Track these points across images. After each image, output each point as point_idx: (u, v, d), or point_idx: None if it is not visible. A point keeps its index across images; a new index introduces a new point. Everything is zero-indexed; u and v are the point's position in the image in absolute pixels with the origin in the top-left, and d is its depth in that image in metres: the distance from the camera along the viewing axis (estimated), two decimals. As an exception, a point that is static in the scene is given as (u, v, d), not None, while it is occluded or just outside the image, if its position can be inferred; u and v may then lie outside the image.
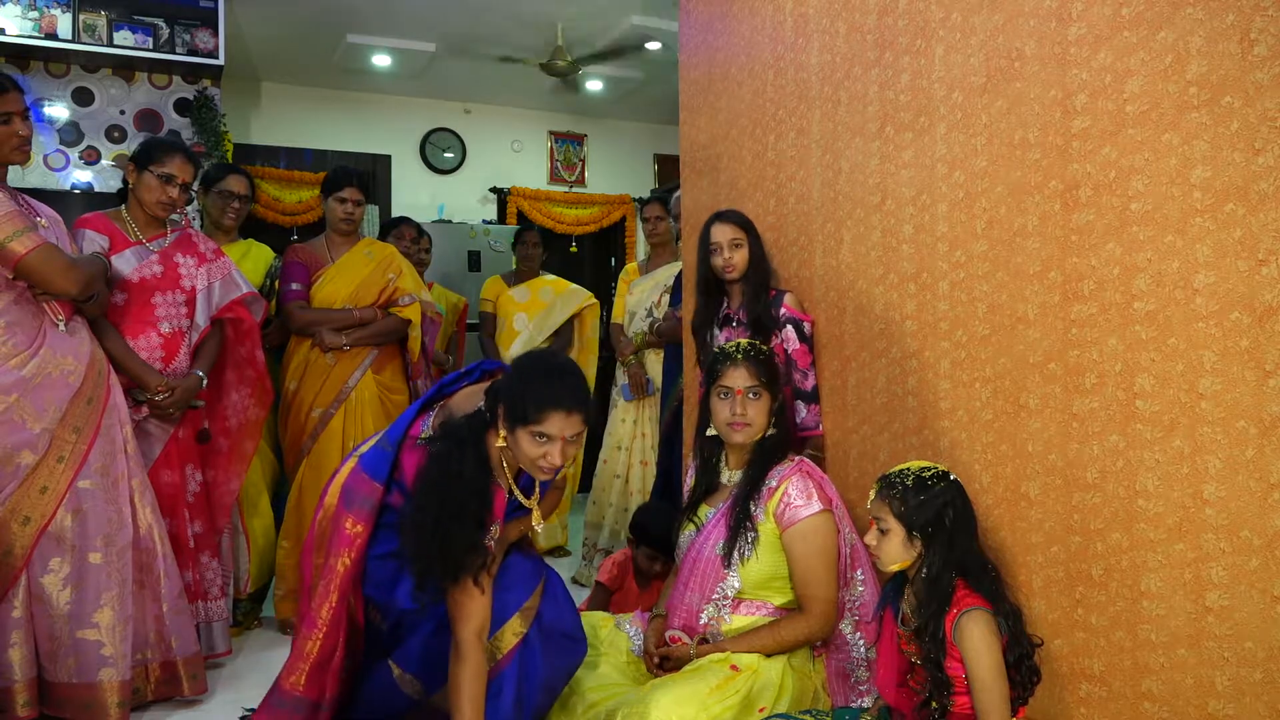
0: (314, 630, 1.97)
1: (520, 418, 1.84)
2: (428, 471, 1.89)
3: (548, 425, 1.83)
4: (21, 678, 2.33)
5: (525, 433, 1.84)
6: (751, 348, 2.26)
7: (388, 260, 3.57)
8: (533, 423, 1.82)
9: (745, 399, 2.20)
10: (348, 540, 1.95)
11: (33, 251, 2.30)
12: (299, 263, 3.48)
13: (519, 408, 1.84)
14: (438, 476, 1.86)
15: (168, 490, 2.75)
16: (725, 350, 2.28)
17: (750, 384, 2.20)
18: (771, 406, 2.24)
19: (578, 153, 7.58)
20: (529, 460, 1.87)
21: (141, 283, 2.76)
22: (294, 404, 3.40)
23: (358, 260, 3.52)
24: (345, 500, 1.98)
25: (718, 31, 3.20)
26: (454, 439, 1.89)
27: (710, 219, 2.72)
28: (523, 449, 1.86)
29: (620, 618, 2.40)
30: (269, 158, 6.55)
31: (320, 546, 2.02)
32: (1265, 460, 1.44)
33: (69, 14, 4.81)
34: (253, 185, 3.63)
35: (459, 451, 1.88)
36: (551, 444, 1.84)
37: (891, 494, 1.76)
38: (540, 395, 1.83)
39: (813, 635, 2.11)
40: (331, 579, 1.96)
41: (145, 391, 2.71)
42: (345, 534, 1.95)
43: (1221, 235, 1.50)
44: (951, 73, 2.11)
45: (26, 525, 2.34)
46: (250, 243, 3.67)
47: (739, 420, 2.21)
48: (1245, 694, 1.48)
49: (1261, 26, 1.44)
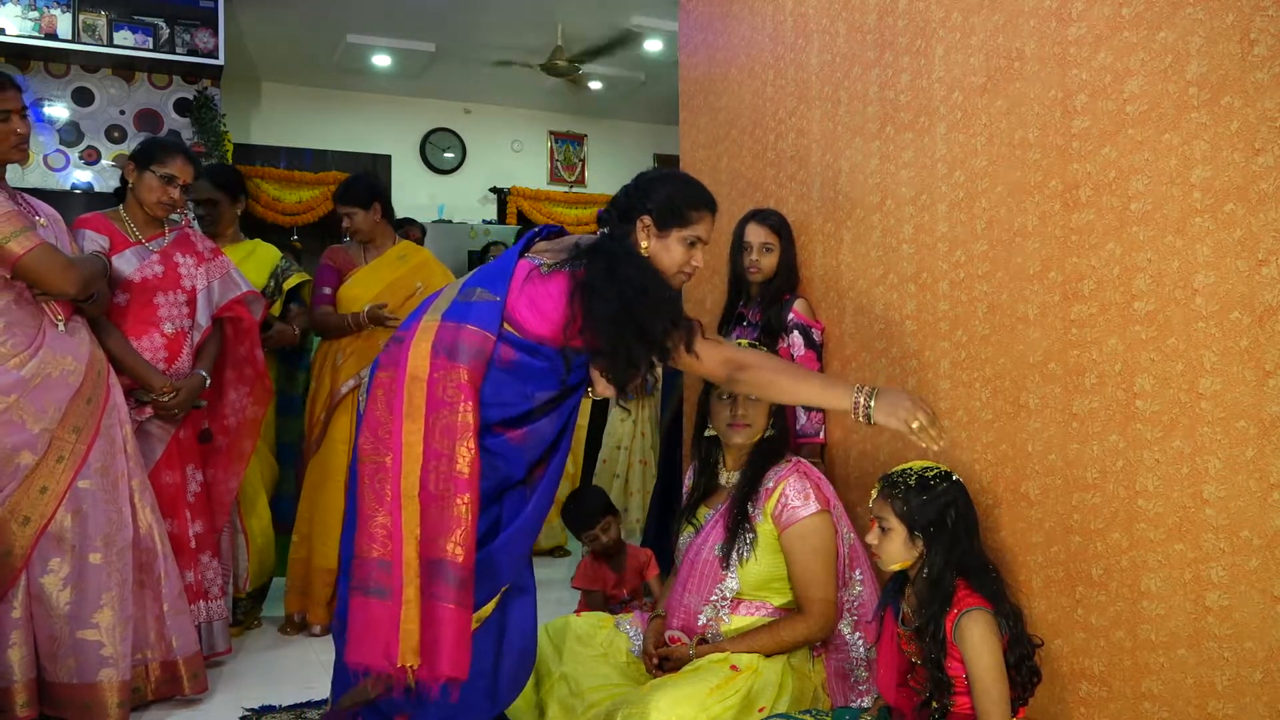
0: (465, 490, 1.78)
1: (678, 220, 1.90)
2: (595, 274, 1.84)
3: (701, 227, 1.92)
4: (21, 678, 2.32)
5: (678, 236, 1.91)
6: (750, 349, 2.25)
7: (419, 266, 3.57)
8: (690, 225, 1.90)
9: (744, 401, 2.20)
10: (468, 391, 1.81)
11: (31, 251, 2.30)
12: (331, 266, 3.51)
13: (674, 210, 1.90)
14: (611, 269, 1.85)
15: (169, 490, 2.75)
16: None
17: None
18: (770, 408, 2.24)
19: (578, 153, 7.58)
20: (675, 266, 1.93)
21: (143, 283, 2.75)
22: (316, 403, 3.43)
23: (388, 263, 3.52)
24: (449, 355, 1.83)
25: (718, 31, 3.20)
26: (606, 246, 1.89)
27: (747, 216, 2.69)
28: (672, 253, 1.91)
29: (620, 618, 2.40)
30: (269, 158, 6.55)
31: (416, 413, 1.83)
32: (1265, 460, 1.44)
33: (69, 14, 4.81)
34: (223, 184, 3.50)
35: (618, 253, 1.88)
36: (700, 246, 1.92)
37: (894, 493, 1.76)
38: (695, 197, 1.92)
39: (812, 636, 2.11)
40: (467, 431, 1.80)
41: (150, 392, 2.71)
42: (464, 384, 1.81)
43: (1221, 235, 1.50)
44: (951, 73, 2.11)
45: (26, 525, 2.34)
46: (256, 243, 3.66)
47: (738, 421, 2.21)
48: (1245, 694, 1.48)
49: (1261, 26, 1.44)
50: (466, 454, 1.80)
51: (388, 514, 1.79)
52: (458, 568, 1.77)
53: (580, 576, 3.06)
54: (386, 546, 1.78)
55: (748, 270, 2.65)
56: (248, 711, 2.61)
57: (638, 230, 1.92)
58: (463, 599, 1.77)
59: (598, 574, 3.05)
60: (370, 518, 1.80)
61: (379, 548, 1.78)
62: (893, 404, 1.81)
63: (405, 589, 1.75)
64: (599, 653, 2.26)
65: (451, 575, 1.77)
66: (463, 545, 1.77)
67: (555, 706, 2.14)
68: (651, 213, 1.90)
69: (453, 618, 1.76)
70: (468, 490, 1.78)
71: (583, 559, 3.13)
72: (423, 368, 1.84)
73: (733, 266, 2.71)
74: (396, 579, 1.76)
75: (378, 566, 1.78)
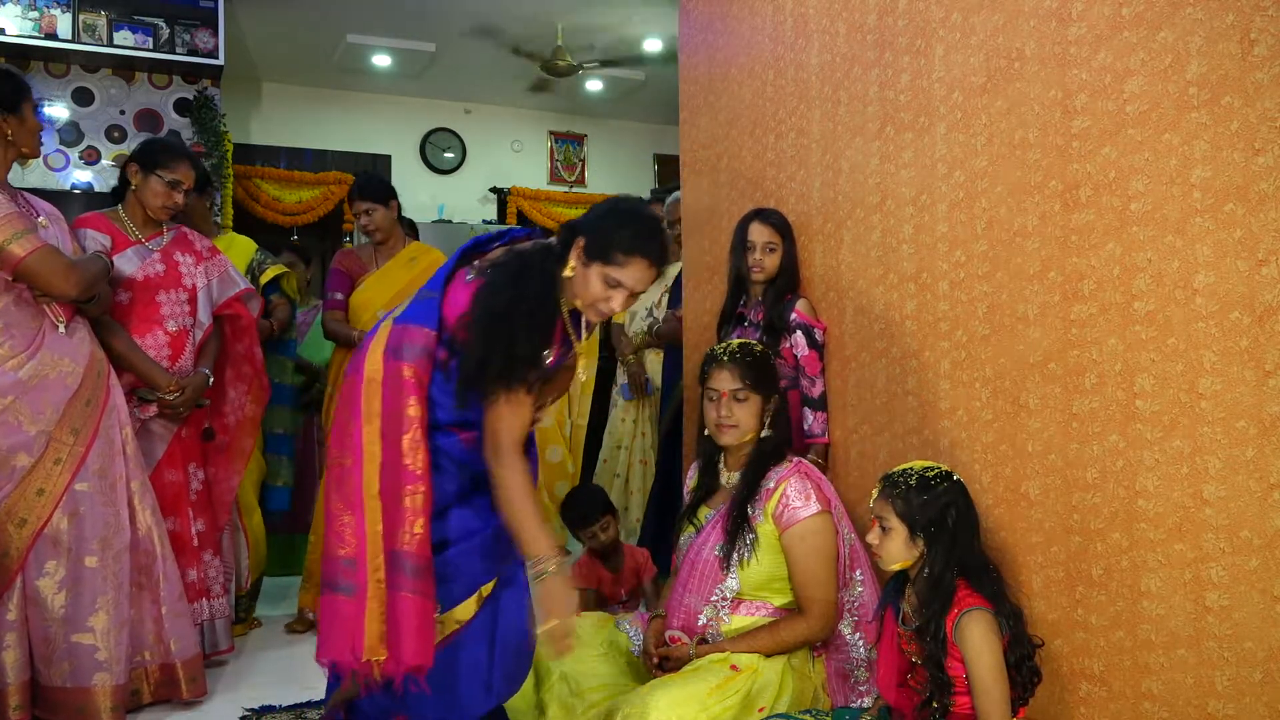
0: (417, 482, 1.83)
1: (603, 255, 1.80)
2: (494, 283, 1.84)
3: (627, 272, 1.80)
4: (15, 681, 2.32)
5: (599, 271, 1.81)
6: (740, 350, 2.23)
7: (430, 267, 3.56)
8: (613, 265, 1.80)
9: (730, 402, 2.20)
10: (412, 387, 1.86)
11: (33, 254, 2.29)
12: (341, 271, 3.50)
13: (604, 245, 1.80)
14: (507, 285, 1.83)
15: (171, 489, 2.76)
16: (713, 352, 2.27)
17: (735, 387, 2.19)
18: (763, 408, 2.21)
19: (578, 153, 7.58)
20: (590, 299, 1.85)
21: (146, 281, 2.76)
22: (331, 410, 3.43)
23: (399, 267, 3.52)
24: (394, 354, 1.89)
25: (718, 31, 3.20)
26: (522, 260, 1.86)
27: (750, 215, 2.68)
28: (590, 286, 1.83)
29: (620, 618, 2.40)
30: (269, 158, 6.55)
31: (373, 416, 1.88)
32: (1265, 460, 1.44)
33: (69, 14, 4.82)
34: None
35: (527, 270, 1.85)
36: (620, 291, 1.82)
37: (895, 493, 1.76)
38: (630, 239, 1.80)
39: (812, 636, 2.11)
40: (412, 425, 1.85)
41: (156, 391, 2.71)
42: (407, 381, 1.86)
43: (1221, 235, 1.50)
44: (951, 73, 2.11)
45: (22, 528, 2.33)
46: (232, 236, 3.66)
47: (724, 422, 2.20)
48: (1245, 694, 1.48)
49: (1261, 26, 1.44)
50: (413, 447, 1.84)
51: (352, 513, 1.85)
52: (413, 556, 1.81)
53: (575, 575, 3.07)
54: (351, 545, 1.83)
55: (751, 270, 2.65)
56: (247, 712, 2.61)
57: (572, 248, 1.86)
58: (420, 588, 1.82)
59: (593, 572, 3.05)
60: (337, 517, 1.86)
61: (345, 547, 1.84)
62: (549, 596, 1.79)
63: (369, 584, 1.80)
64: (599, 653, 2.26)
65: (408, 565, 1.81)
66: (416, 535, 1.81)
67: (555, 706, 2.14)
68: (586, 237, 1.84)
69: (412, 607, 1.80)
70: (419, 483, 1.83)
71: (577, 562, 3.13)
72: (377, 370, 1.89)
73: (734, 266, 2.70)
74: (361, 575, 1.81)
75: (344, 565, 1.84)
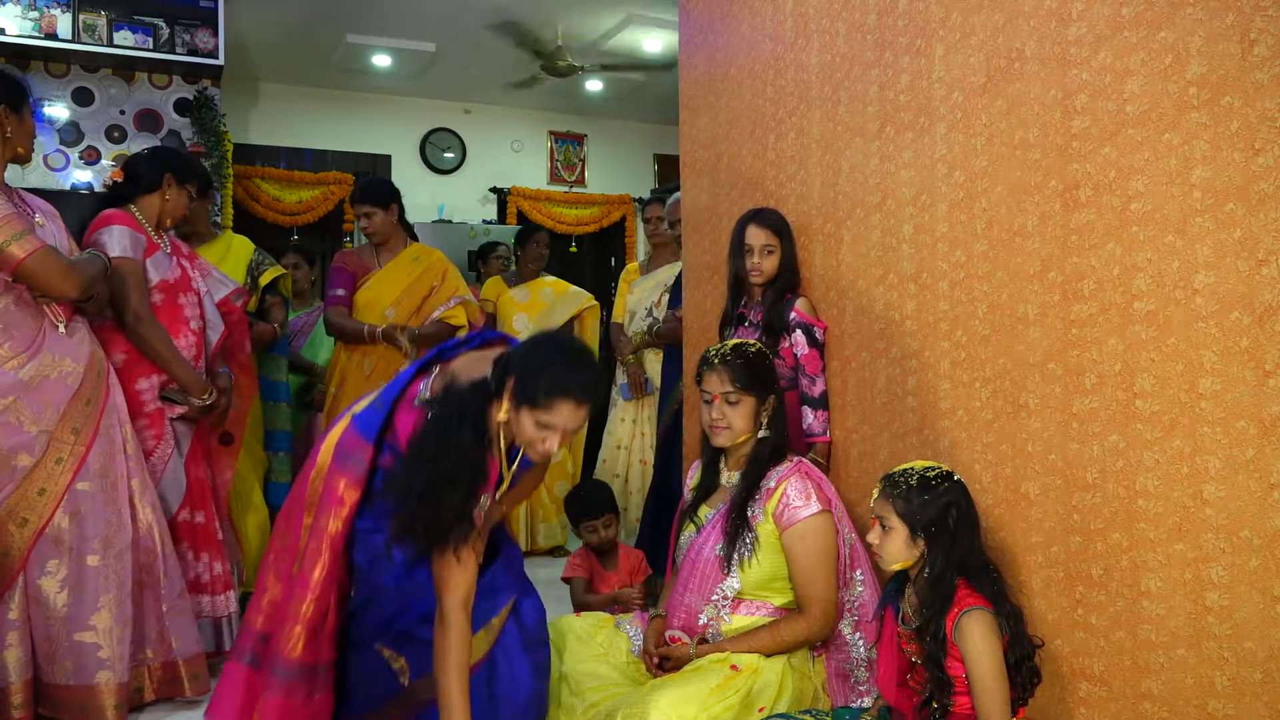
0: (307, 592, 1.89)
1: (530, 399, 1.76)
2: (424, 435, 1.83)
3: (555, 415, 1.76)
4: (17, 679, 2.32)
5: (530, 415, 1.76)
6: (732, 352, 2.22)
7: (432, 267, 3.57)
8: (541, 409, 1.75)
9: (722, 404, 2.20)
10: (338, 501, 1.90)
11: (32, 255, 2.29)
12: (344, 269, 3.51)
13: (530, 389, 1.75)
14: (434, 441, 1.81)
15: (198, 485, 2.82)
16: (707, 354, 2.27)
17: (726, 389, 2.19)
18: (757, 409, 2.21)
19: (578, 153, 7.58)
20: (525, 441, 1.82)
21: (174, 283, 2.82)
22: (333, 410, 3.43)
23: (402, 267, 3.52)
24: (339, 460, 1.93)
25: (718, 31, 3.20)
26: (455, 405, 1.83)
27: (746, 218, 2.67)
28: (524, 429, 1.79)
29: (620, 618, 2.41)
30: (269, 158, 6.55)
31: (311, 507, 1.95)
32: (1265, 460, 1.44)
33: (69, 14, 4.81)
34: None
35: (459, 419, 1.81)
36: (553, 432, 1.78)
37: (896, 493, 1.76)
38: (554, 382, 1.75)
39: (812, 636, 2.11)
40: (322, 539, 1.90)
41: (188, 396, 2.76)
42: (336, 495, 1.90)
43: (1221, 235, 1.50)
44: (951, 73, 2.11)
45: (24, 527, 2.34)
46: (230, 236, 3.67)
47: (716, 424, 2.21)
48: (1245, 694, 1.48)
49: (1261, 26, 1.44)
50: (322, 561, 1.90)
51: (280, 582, 1.95)
52: (286, 660, 1.89)
53: (569, 567, 3.08)
54: (270, 621, 1.94)
55: (750, 273, 2.64)
56: (248, 712, 2.61)
57: (505, 389, 1.80)
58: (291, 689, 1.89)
59: (587, 563, 3.07)
60: (265, 591, 1.97)
61: (263, 620, 1.95)
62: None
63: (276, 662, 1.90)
64: (599, 653, 2.26)
65: (280, 667, 1.89)
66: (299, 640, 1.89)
67: (555, 706, 2.14)
68: (515, 379, 1.78)
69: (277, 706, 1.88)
70: (308, 593, 1.89)
71: (573, 556, 3.14)
72: (326, 463, 1.95)
73: (733, 268, 2.70)
74: (271, 649, 1.91)
75: (258, 638, 1.95)
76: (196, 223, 3.44)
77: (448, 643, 1.83)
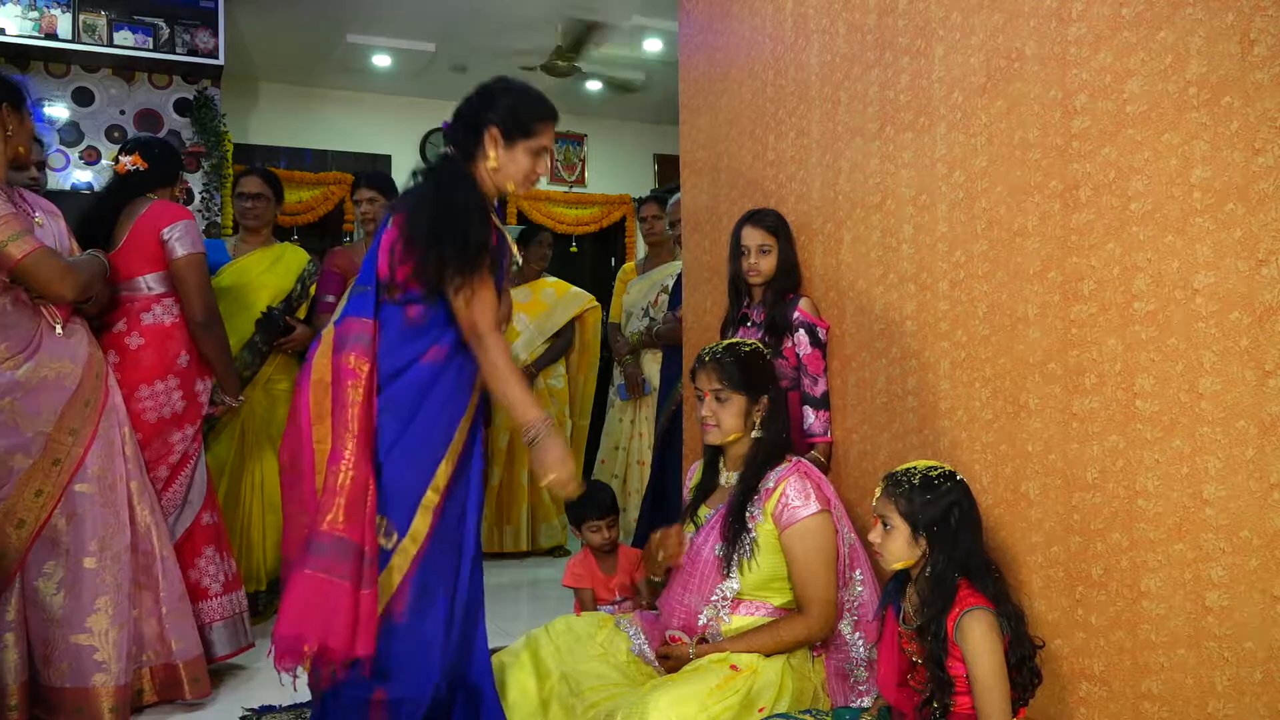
0: (340, 461, 1.85)
1: (523, 131, 2.01)
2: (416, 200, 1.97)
3: (545, 137, 2.04)
4: (13, 681, 2.32)
5: (524, 147, 2.01)
6: (724, 350, 2.22)
7: None
8: (534, 136, 2.01)
9: (712, 402, 2.20)
10: (352, 373, 1.90)
11: (30, 255, 2.29)
12: (334, 272, 3.52)
13: (520, 124, 2.01)
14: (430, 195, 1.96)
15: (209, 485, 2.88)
16: (700, 352, 2.27)
17: (715, 387, 2.19)
18: (747, 408, 2.20)
19: (578, 153, 7.58)
20: (521, 175, 2.03)
21: None
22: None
23: None
24: (339, 346, 1.94)
25: (718, 31, 3.20)
26: (432, 178, 2.01)
27: (743, 219, 2.67)
28: (519, 164, 2.02)
29: (620, 618, 2.40)
30: (269, 158, 6.55)
31: (321, 417, 1.92)
32: (1265, 460, 1.44)
33: (69, 14, 4.81)
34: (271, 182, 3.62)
35: (444, 180, 1.98)
36: (543, 157, 2.04)
37: (898, 492, 1.76)
38: (534, 110, 2.04)
39: (812, 636, 2.11)
40: (346, 410, 1.88)
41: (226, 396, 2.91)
42: (348, 368, 1.91)
43: (1221, 235, 1.50)
44: (951, 73, 2.11)
45: (21, 528, 2.34)
46: (285, 246, 3.70)
47: (706, 422, 2.21)
48: (1245, 694, 1.48)
49: (1261, 26, 1.44)
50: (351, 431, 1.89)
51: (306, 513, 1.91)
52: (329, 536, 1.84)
53: (569, 575, 3.07)
54: (305, 525, 1.90)
55: (747, 274, 2.64)
56: (248, 712, 2.61)
57: (485, 142, 2.01)
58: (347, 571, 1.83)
59: (588, 572, 3.05)
60: (295, 518, 1.95)
61: (298, 534, 1.92)
62: (545, 453, 1.96)
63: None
64: (599, 653, 2.26)
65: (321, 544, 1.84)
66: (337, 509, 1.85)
67: (555, 706, 2.14)
68: (499, 124, 2.00)
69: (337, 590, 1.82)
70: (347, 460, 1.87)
71: (571, 562, 3.13)
72: (325, 370, 1.95)
73: (731, 270, 2.71)
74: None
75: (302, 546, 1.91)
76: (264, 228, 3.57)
77: (497, 358, 1.95)
